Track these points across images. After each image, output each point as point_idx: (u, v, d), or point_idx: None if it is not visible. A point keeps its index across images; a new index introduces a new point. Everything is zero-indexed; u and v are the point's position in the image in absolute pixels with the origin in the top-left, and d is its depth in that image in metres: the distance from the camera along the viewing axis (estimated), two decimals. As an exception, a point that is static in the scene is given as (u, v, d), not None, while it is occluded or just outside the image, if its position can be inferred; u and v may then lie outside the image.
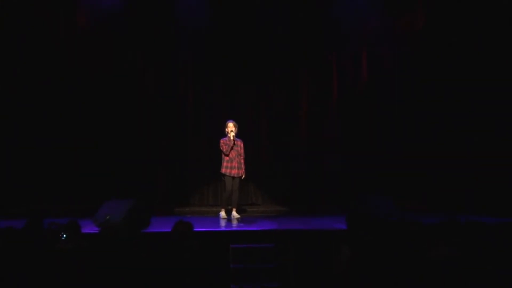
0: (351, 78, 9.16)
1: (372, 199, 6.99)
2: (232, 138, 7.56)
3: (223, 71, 9.03)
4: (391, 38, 8.91)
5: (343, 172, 8.93)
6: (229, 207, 7.77)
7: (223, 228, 6.87)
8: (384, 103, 8.97)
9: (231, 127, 7.60)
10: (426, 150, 8.63)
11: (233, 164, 7.60)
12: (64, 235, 4.26)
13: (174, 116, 8.98)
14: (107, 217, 6.04)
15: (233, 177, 7.61)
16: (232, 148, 7.58)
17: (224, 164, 7.62)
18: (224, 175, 7.63)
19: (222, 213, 7.73)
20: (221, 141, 7.64)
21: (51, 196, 8.23)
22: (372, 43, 9.02)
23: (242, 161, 7.70)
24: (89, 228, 6.07)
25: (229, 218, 7.63)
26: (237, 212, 7.72)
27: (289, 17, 8.94)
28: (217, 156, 7.84)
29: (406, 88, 8.86)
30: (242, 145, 7.73)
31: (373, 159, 8.82)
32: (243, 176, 7.72)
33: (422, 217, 5.07)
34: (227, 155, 7.59)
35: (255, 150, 9.01)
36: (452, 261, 3.60)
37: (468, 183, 8.26)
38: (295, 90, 9.17)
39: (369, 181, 8.61)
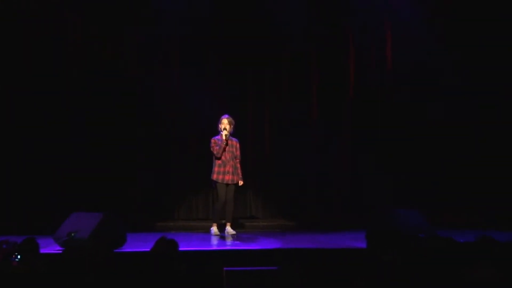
0: (371, 67, 9.23)
1: (397, 212, 7.06)
2: (224, 137, 7.57)
3: (218, 55, 9.05)
4: (422, 14, 8.97)
5: (360, 181, 9.00)
6: (223, 221, 7.80)
7: (215, 247, 6.88)
8: (410, 99, 9.04)
9: (225, 123, 7.61)
10: (464, 157, 8.81)
11: (226, 169, 7.60)
12: (19, 256, 4.25)
13: (154, 109, 8.97)
14: (72, 234, 6.02)
15: (227, 185, 7.62)
16: (225, 149, 7.59)
17: (216, 168, 7.62)
18: (216, 182, 7.63)
19: (214, 229, 7.73)
20: (212, 140, 7.65)
21: (3, 210, 8.23)
22: (397, 24, 9.08)
23: (238, 165, 7.71)
24: (49, 247, 6.06)
25: (222, 235, 7.64)
26: (232, 227, 7.73)
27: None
28: (208, 159, 7.86)
29: (441, 81, 8.96)
30: (238, 145, 7.74)
31: (397, 166, 8.91)
32: (240, 183, 7.75)
33: (458, 233, 5.09)
34: (219, 158, 7.60)
35: (256, 153, 9.09)
36: (491, 284, 3.60)
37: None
38: (303, 84, 9.25)
39: (392, 192, 8.70)
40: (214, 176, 7.61)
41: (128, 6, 8.81)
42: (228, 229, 7.69)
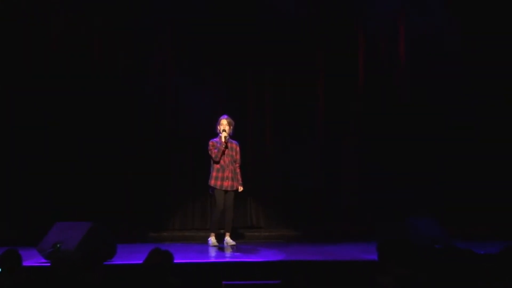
0: (383, 59, 9.21)
1: (411, 221, 7.02)
2: (223, 139, 7.55)
3: (216, 49, 9.03)
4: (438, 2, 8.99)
5: (371, 187, 8.97)
6: (221, 231, 7.80)
7: (213, 259, 6.86)
8: (428, 95, 9.02)
9: (224, 124, 7.59)
10: (488, 161, 8.80)
11: (225, 174, 7.58)
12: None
13: (148, 110, 8.95)
14: (57, 245, 6.01)
15: (226, 191, 7.60)
16: (224, 153, 7.57)
17: (214, 173, 7.60)
18: (213, 188, 7.61)
19: (212, 239, 7.70)
20: (210, 142, 7.63)
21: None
22: (412, 9, 9.08)
23: (238, 170, 7.70)
24: (33, 259, 6.04)
25: (221, 246, 7.62)
26: (231, 237, 7.72)
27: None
28: (206, 163, 7.84)
29: (462, 76, 8.96)
30: (238, 148, 7.73)
31: (411, 170, 8.88)
32: (240, 190, 7.74)
33: (478, 244, 5.07)
34: (217, 162, 7.58)
35: (257, 157, 9.07)
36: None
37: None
38: (308, 79, 9.24)
39: (406, 198, 8.65)
40: (212, 182, 7.59)
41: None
42: (227, 239, 7.66)
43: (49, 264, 4.29)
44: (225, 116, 7.68)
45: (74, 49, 8.71)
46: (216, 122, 7.71)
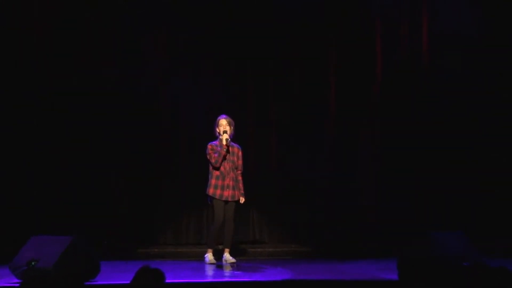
0: (403, 52, 9.22)
1: (435, 236, 6.99)
2: (225, 141, 7.54)
3: (214, 42, 9.08)
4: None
5: (390, 196, 9.00)
6: (220, 247, 7.81)
7: (210, 279, 6.84)
8: (455, 91, 9.03)
9: (224, 125, 7.60)
10: None
11: (225, 182, 7.57)
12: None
13: (138, 110, 8.97)
14: (33, 263, 5.95)
15: (226, 202, 7.59)
16: (225, 158, 7.56)
17: (213, 181, 7.59)
18: (212, 198, 7.60)
19: (209, 256, 7.67)
20: (209, 146, 7.63)
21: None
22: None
23: (240, 177, 7.71)
24: (3, 279, 6.05)
25: (219, 263, 7.62)
26: (231, 254, 7.72)
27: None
28: (203, 169, 7.84)
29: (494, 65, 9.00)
30: (240, 153, 7.73)
31: (436, 178, 8.90)
32: (242, 201, 7.73)
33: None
34: (217, 168, 7.57)
35: (260, 163, 9.11)
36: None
37: None
38: (318, 76, 9.28)
39: (430, 210, 8.71)
40: (211, 191, 7.58)
41: None
42: (227, 256, 7.67)
43: (20, 285, 4.23)
44: (224, 116, 7.68)
45: (62, 45, 8.77)
46: (214, 123, 7.71)
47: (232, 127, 7.63)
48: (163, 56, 9.15)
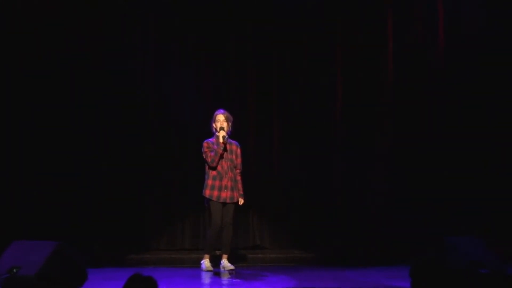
0: (417, 48, 9.24)
1: (450, 241, 6.96)
2: (221, 139, 7.53)
3: (209, 31, 9.11)
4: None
5: (400, 200, 9.00)
6: (217, 253, 7.82)
7: (206, 287, 6.91)
8: (472, 89, 9.05)
9: (221, 121, 7.61)
10: None
11: (223, 183, 7.57)
12: None
13: (127, 103, 8.97)
14: (14, 270, 5.89)
15: (224, 204, 7.59)
16: (222, 156, 7.55)
17: (209, 182, 7.60)
18: (209, 200, 7.60)
19: (206, 262, 7.68)
20: (205, 144, 7.64)
21: None
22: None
23: (239, 177, 7.71)
24: (-15, 287, 6.04)
25: (216, 271, 7.63)
26: (229, 260, 7.73)
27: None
28: (199, 168, 7.87)
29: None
30: (238, 151, 7.74)
31: (451, 178, 8.91)
32: (241, 203, 7.72)
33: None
34: (214, 168, 7.57)
35: (260, 163, 9.14)
36: None
37: None
38: (324, 71, 9.30)
39: (445, 213, 8.71)
40: (207, 192, 7.59)
41: None
42: (225, 262, 7.68)
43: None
44: (221, 111, 7.69)
45: (45, 40, 8.75)
46: (211, 119, 7.72)
47: (230, 123, 7.65)
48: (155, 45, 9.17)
